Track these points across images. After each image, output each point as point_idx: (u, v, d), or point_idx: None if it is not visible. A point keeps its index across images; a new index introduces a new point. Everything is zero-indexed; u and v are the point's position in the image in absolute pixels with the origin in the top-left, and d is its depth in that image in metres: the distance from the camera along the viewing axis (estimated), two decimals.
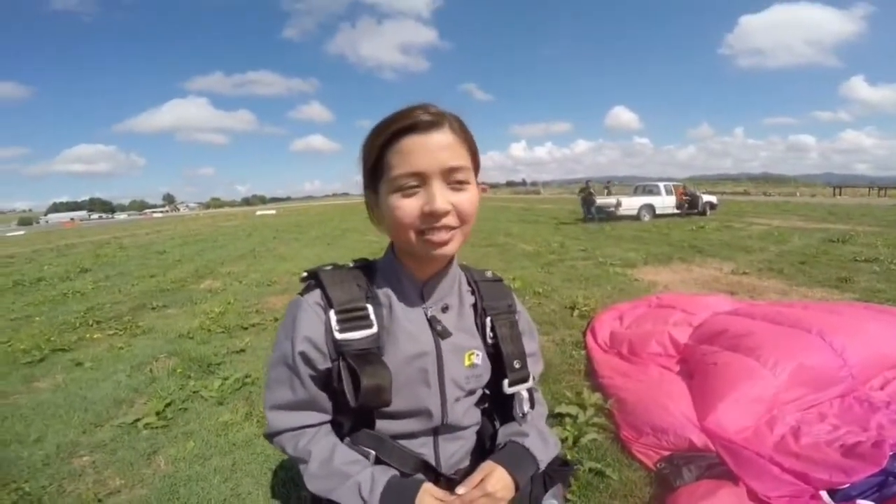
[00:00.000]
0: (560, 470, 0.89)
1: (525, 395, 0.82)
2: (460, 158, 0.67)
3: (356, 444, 0.76)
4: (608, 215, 15.91)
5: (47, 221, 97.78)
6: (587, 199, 15.85)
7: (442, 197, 0.65)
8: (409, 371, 0.73)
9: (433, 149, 0.65)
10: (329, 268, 0.80)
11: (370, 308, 0.73)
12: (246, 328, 4.77)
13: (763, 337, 2.74)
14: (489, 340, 0.81)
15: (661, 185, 17.03)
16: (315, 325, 0.73)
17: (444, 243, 0.68)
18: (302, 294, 0.78)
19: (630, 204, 16.14)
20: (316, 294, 0.76)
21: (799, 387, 2.42)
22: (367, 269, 0.80)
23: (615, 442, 2.32)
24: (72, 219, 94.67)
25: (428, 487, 0.72)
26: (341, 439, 0.78)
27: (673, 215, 16.30)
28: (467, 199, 0.68)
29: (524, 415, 0.83)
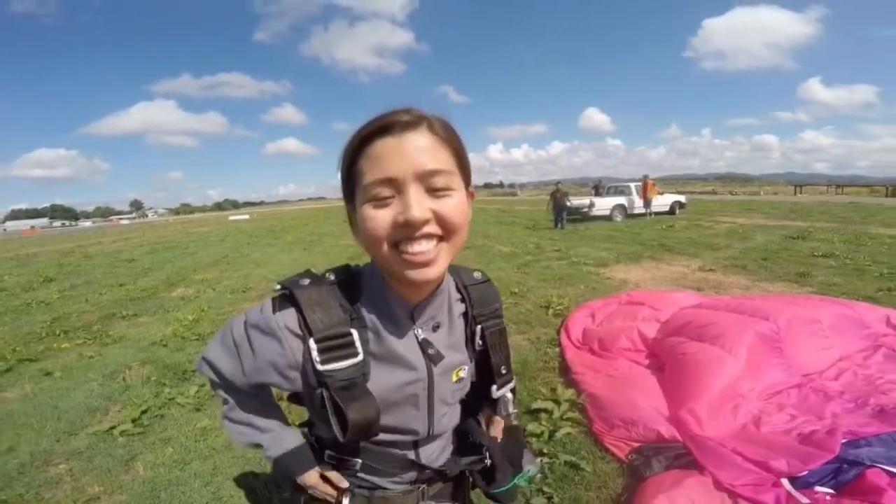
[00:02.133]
0: (513, 437, 0.90)
1: (510, 396, 0.84)
2: (440, 161, 0.58)
3: (340, 454, 0.75)
4: (582, 216, 16.21)
5: (5, 230, 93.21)
6: (559, 204, 14.38)
7: (418, 204, 0.56)
8: (397, 396, 0.69)
9: (408, 151, 0.56)
10: (307, 282, 0.68)
11: (355, 333, 0.65)
12: None
13: (725, 325, 2.90)
14: (477, 348, 0.79)
15: (633, 185, 17.48)
16: (286, 354, 0.65)
17: (426, 262, 0.59)
18: (274, 311, 0.67)
19: (602, 204, 16.47)
20: (291, 316, 0.65)
21: (758, 369, 2.58)
22: (351, 283, 0.70)
23: (588, 435, 2.41)
24: (32, 227, 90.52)
25: (317, 469, 0.76)
26: (322, 447, 0.78)
27: (641, 215, 16.67)
28: (451, 205, 0.59)
29: (508, 415, 0.85)
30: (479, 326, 0.78)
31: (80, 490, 2.23)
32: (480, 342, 0.78)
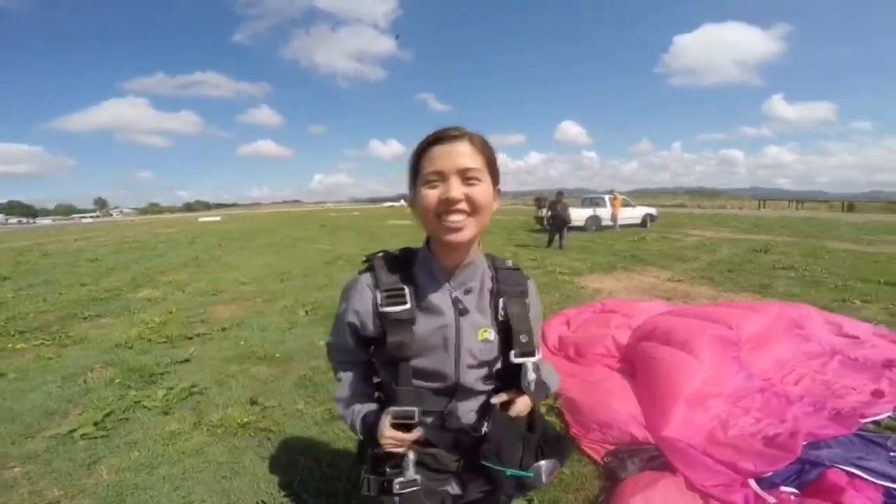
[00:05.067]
0: (557, 444, 1.02)
1: (531, 366, 0.92)
2: (474, 162, 0.84)
3: (401, 405, 0.91)
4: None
5: None
6: (559, 217, 11.67)
7: (456, 188, 0.82)
8: (433, 338, 0.91)
9: (453, 154, 0.83)
10: (381, 255, 0.98)
11: (407, 289, 0.91)
12: (190, 338, 4.57)
13: (690, 331, 3.02)
14: (500, 318, 0.95)
15: (607, 197, 17.92)
16: (364, 302, 0.94)
17: (459, 229, 0.84)
18: (360, 273, 0.98)
19: (577, 216, 16.79)
20: (368, 276, 0.96)
21: (722, 374, 2.68)
22: (409, 256, 0.98)
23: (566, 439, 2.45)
24: None
25: (387, 420, 0.92)
26: (389, 398, 0.95)
27: (613, 227, 17.05)
28: (479, 191, 0.84)
29: (529, 384, 0.92)
30: (501, 299, 0.96)
31: (38, 493, 2.13)
32: (503, 312, 0.95)
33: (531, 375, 0.92)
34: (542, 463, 0.97)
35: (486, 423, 0.96)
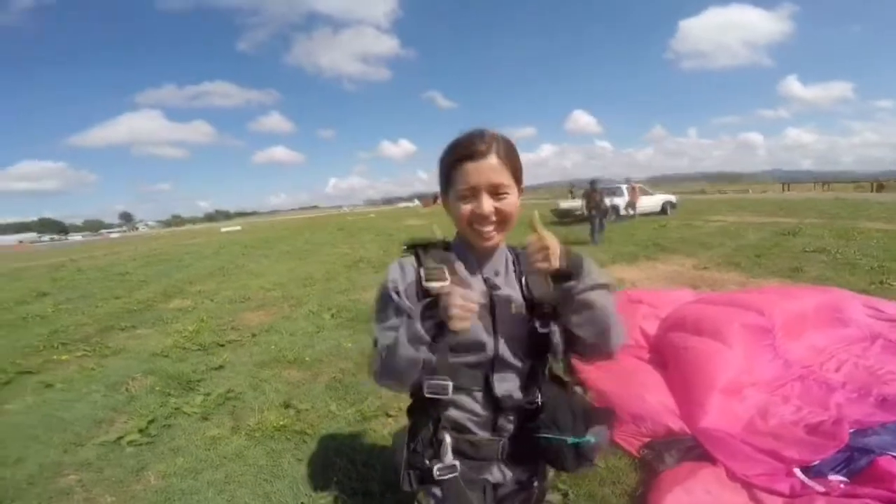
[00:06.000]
0: (603, 411, 1.05)
1: (557, 329, 0.97)
2: (502, 177, 0.92)
3: (435, 378, 0.93)
4: (575, 218, 16.31)
5: None
6: (596, 206, 10.81)
7: (487, 204, 0.92)
8: None
9: (484, 171, 0.91)
10: (422, 242, 1.06)
11: (446, 269, 0.96)
12: (223, 345, 4.69)
13: (722, 319, 2.95)
14: (525, 293, 1.01)
15: (624, 186, 17.64)
16: (405, 275, 0.99)
17: (489, 238, 0.96)
18: (405, 255, 1.05)
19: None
20: (411, 258, 1.02)
21: (758, 362, 2.63)
22: (446, 245, 1.06)
23: None
24: (20, 241, 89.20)
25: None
26: (422, 377, 0.95)
27: (632, 216, 16.75)
28: (507, 203, 0.94)
29: (555, 353, 1.00)
30: (524, 278, 1.03)
31: (92, 500, 2.23)
32: (527, 288, 1.01)
33: (557, 338, 0.98)
34: (599, 427, 0.99)
35: (538, 395, 1.00)
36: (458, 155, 0.93)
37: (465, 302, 0.88)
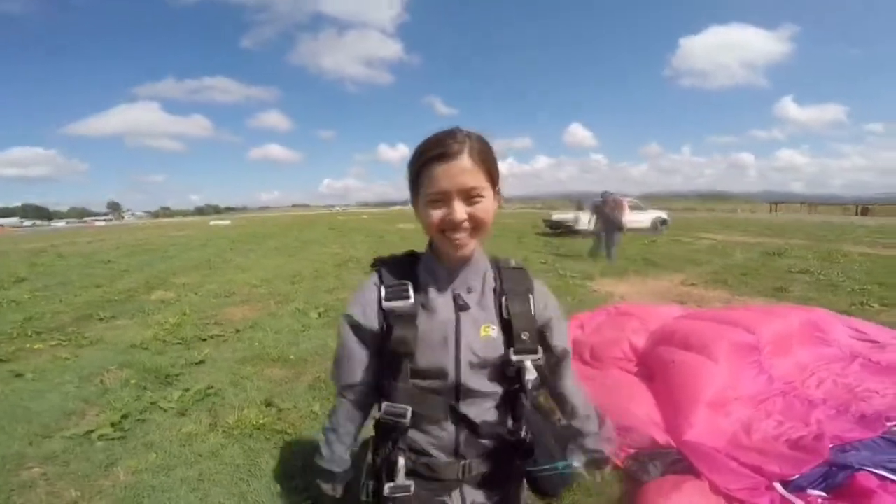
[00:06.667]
0: (566, 429, 1.08)
1: (530, 365, 0.91)
2: (475, 180, 0.84)
3: (394, 403, 0.91)
4: (567, 229, 16.39)
5: None
6: (609, 221, 9.60)
7: (459, 210, 0.84)
8: (433, 334, 0.91)
9: (455, 174, 0.83)
10: (387, 257, 1.01)
11: (410, 286, 0.92)
12: (205, 339, 4.59)
13: (709, 335, 2.98)
14: (504, 317, 0.94)
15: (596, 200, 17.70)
16: (370, 298, 0.95)
17: (462, 245, 0.88)
18: (369, 274, 1.00)
19: (586, 219, 16.55)
20: (374, 276, 0.98)
21: (742, 378, 2.66)
22: (413, 258, 1.00)
23: None
24: (1, 225, 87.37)
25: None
26: (385, 395, 0.93)
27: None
28: (481, 208, 0.86)
29: (528, 383, 0.92)
30: (503, 297, 0.96)
31: (56, 494, 2.13)
32: (506, 311, 0.94)
33: (529, 376, 0.91)
34: (571, 446, 0.99)
35: (523, 426, 0.94)
36: (428, 156, 0.85)
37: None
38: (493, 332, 0.94)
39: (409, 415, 0.89)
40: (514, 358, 0.92)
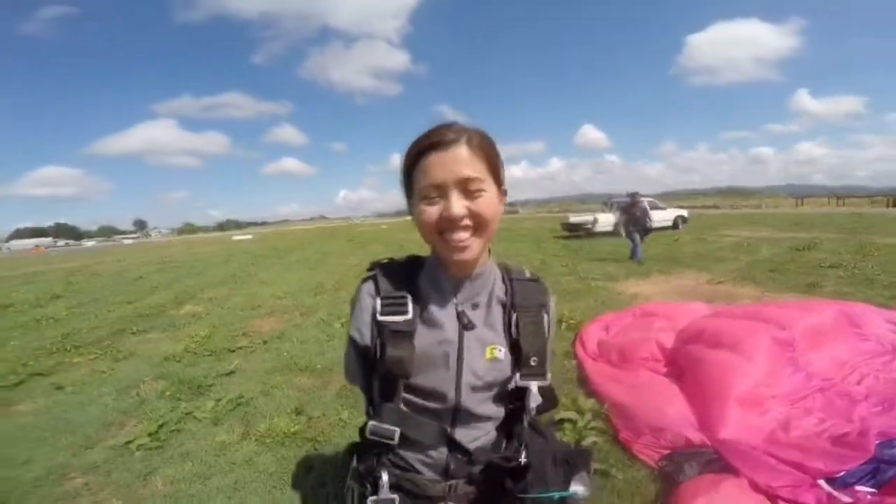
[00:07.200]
0: (580, 454, 0.92)
1: (535, 390, 0.84)
2: (475, 170, 0.74)
3: (382, 423, 0.82)
4: (586, 232, 16.18)
5: (10, 248, 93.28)
6: (637, 222, 9.46)
7: (458, 204, 0.74)
8: (433, 353, 0.82)
9: (450, 163, 0.73)
10: (385, 262, 0.90)
11: (409, 298, 0.82)
12: (233, 351, 4.69)
13: (741, 332, 2.92)
14: (512, 336, 0.85)
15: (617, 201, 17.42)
16: (364, 311, 0.85)
17: (463, 248, 0.76)
18: (363, 281, 0.89)
19: (606, 220, 16.31)
20: (370, 284, 0.86)
21: (778, 375, 2.59)
22: (415, 264, 0.89)
23: (615, 444, 2.39)
24: (37, 245, 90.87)
25: None
26: (374, 413, 0.85)
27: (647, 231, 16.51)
28: (483, 203, 0.75)
29: (531, 410, 0.85)
30: (515, 315, 0.85)
31: None
32: (515, 329, 0.85)
33: (534, 402, 0.84)
34: (580, 474, 0.88)
35: (522, 452, 0.85)
36: (421, 146, 0.76)
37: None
38: (500, 353, 0.85)
39: (396, 437, 0.82)
40: (519, 382, 0.85)
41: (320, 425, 2.86)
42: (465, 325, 0.83)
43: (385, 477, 0.84)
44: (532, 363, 0.84)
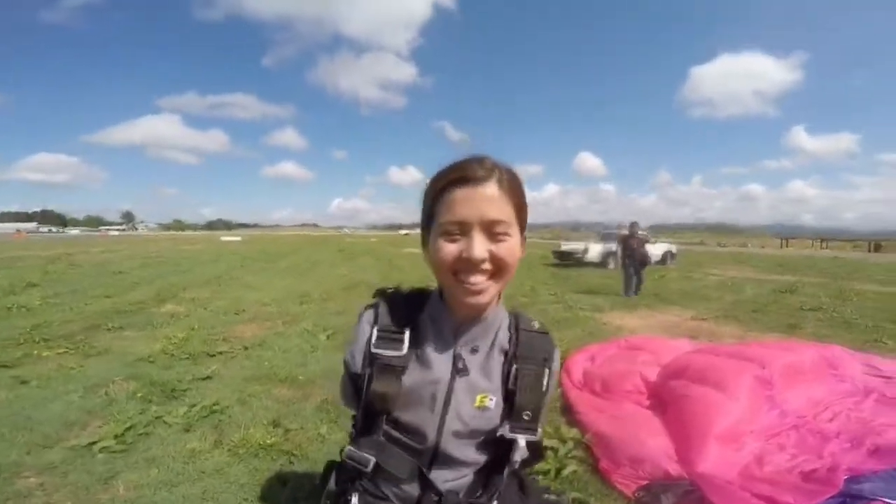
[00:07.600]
0: (555, 501, 0.95)
1: (522, 444, 0.81)
2: (502, 213, 0.72)
3: (360, 450, 0.83)
4: (576, 262, 16.23)
5: None
6: (635, 254, 9.28)
7: (480, 246, 0.71)
8: (420, 392, 0.80)
9: (477, 201, 0.70)
10: (390, 292, 0.89)
11: (407, 333, 0.81)
12: (213, 355, 4.57)
13: (724, 370, 2.98)
14: (509, 387, 0.82)
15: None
16: (361, 338, 0.85)
17: (479, 292, 0.73)
18: (366, 308, 0.88)
19: (594, 251, 16.25)
20: (370, 313, 0.86)
21: (756, 411, 2.65)
22: (419, 299, 0.87)
23: (594, 473, 2.38)
24: (19, 230, 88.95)
25: None
26: (353, 438, 0.87)
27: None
28: (505, 248, 0.73)
29: (515, 464, 0.83)
30: (515, 366, 0.83)
31: None
32: (513, 381, 0.82)
33: (518, 456, 0.81)
34: None
35: (493, 500, 0.85)
36: (449, 179, 0.73)
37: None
38: (491, 402, 0.82)
39: (371, 466, 0.81)
40: (508, 435, 0.81)
41: (297, 439, 2.78)
42: (458, 370, 0.81)
43: (355, 501, 0.84)
44: (524, 417, 0.81)
